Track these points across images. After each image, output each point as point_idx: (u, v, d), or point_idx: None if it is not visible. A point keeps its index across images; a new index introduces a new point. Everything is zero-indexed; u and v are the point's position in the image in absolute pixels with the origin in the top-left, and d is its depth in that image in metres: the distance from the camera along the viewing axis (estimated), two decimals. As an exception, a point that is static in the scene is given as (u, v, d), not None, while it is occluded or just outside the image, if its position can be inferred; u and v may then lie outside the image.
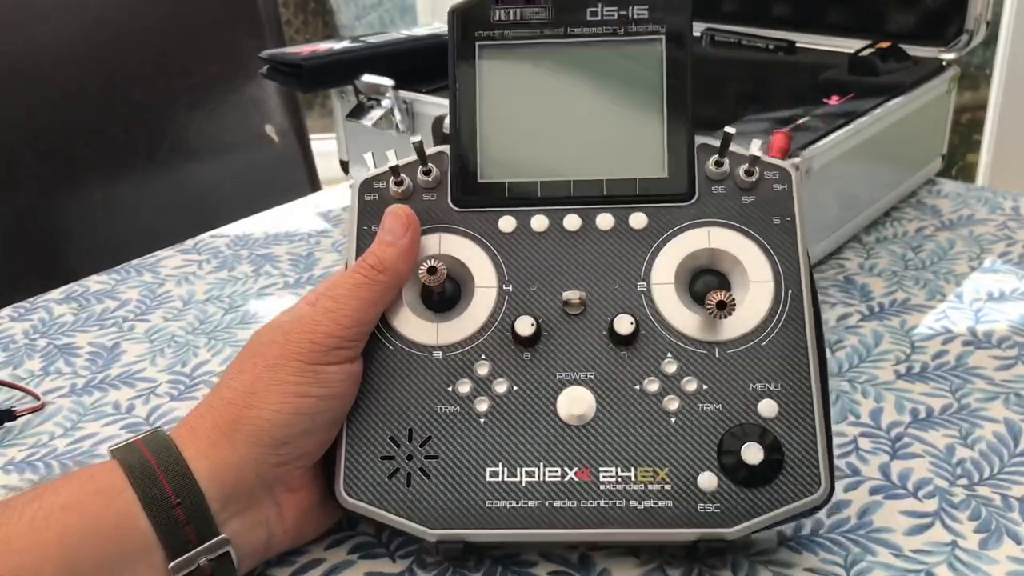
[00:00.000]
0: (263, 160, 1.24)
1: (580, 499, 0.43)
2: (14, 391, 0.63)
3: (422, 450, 0.44)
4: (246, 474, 0.42)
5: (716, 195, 0.47)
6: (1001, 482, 0.51)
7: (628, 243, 0.47)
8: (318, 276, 0.78)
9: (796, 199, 0.47)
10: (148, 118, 1.12)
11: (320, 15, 2.57)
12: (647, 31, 0.48)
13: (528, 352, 0.45)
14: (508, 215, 0.47)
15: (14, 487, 0.53)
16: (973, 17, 0.87)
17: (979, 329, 0.66)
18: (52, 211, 1.06)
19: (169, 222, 1.12)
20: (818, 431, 0.43)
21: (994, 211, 0.85)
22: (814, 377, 0.44)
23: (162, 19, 1.14)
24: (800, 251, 0.46)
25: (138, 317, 0.72)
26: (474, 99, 0.48)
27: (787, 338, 0.45)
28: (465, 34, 0.48)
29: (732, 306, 0.43)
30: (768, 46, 0.95)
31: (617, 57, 0.48)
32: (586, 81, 0.48)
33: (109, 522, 0.40)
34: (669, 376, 0.44)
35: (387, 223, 0.46)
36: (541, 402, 0.45)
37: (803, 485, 0.43)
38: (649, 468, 0.43)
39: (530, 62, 0.48)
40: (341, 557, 0.47)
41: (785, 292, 0.45)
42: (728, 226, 0.47)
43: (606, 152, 0.48)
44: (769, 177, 0.47)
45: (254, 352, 0.45)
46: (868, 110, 0.75)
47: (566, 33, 0.48)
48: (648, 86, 0.48)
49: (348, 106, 0.88)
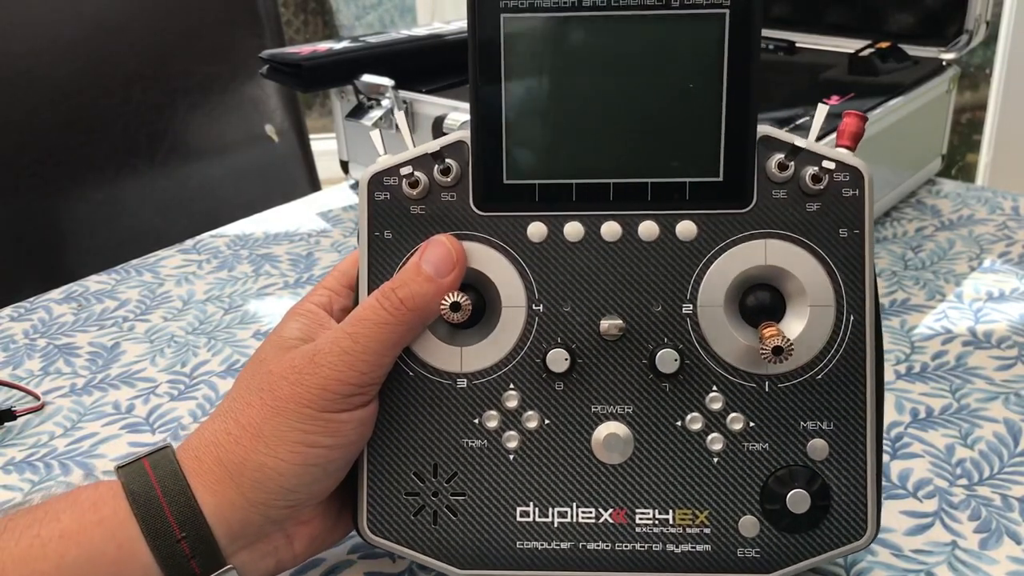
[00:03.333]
0: (263, 160, 1.24)
1: (615, 541, 0.41)
2: (14, 391, 0.63)
3: (448, 486, 0.42)
4: (252, 515, 0.40)
5: (776, 200, 0.41)
6: (1001, 482, 0.51)
7: (674, 257, 0.41)
8: (318, 276, 0.78)
9: (868, 207, 0.41)
10: (148, 118, 1.12)
11: (320, 15, 2.57)
12: (709, 4, 0.39)
13: (560, 382, 0.42)
14: (538, 221, 0.42)
15: (14, 487, 0.53)
16: (973, 17, 0.87)
17: (979, 329, 0.66)
18: (52, 211, 1.06)
19: (169, 222, 1.12)
20: (869, 476, 0.41)
21: (994, 211, 0.85)
22: (871, 416, 0.41)
23: (162, 19, 1.14)
24: (867, 271, 0.41)
25: (138, 317, 0.72)
26: (499, 85, 0.41)
27: (845, 372, 0.41)
28: (488, 4, 0.40)
29: (790, 352, 0.39)
30: (768, 46, 0.95)
31: (670, 34, 0.40)
32: (632, 63, 0.41)
33: (110, 555, 0.38)
34: (714, 413, 0.41)
35: (432, 254, 0.41)
36: (575, 438, 0.42)
37: (848, 531, 0.41)
38: (688, 511, 0.41)
39: (565, 38, 0.41)
40: (341, 557, 0.47)
41: (847, 319, 0.41)
42: (789, 239, 0.41)
43: (652, 150, 0.41)
44: (839, 179, 0.41)
45: (261, 383, 0.41)
46: (868, 110, 0.75)
47: (609, 5, 0.40)
48: (706, 71, 0.40)
49: (348, 106, 0.88)
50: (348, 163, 0.94)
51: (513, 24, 0.40)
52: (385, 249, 0.42)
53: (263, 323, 0.71)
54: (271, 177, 1.24)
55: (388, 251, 0.42)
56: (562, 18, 0.40)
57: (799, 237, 0.41)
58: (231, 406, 0.41)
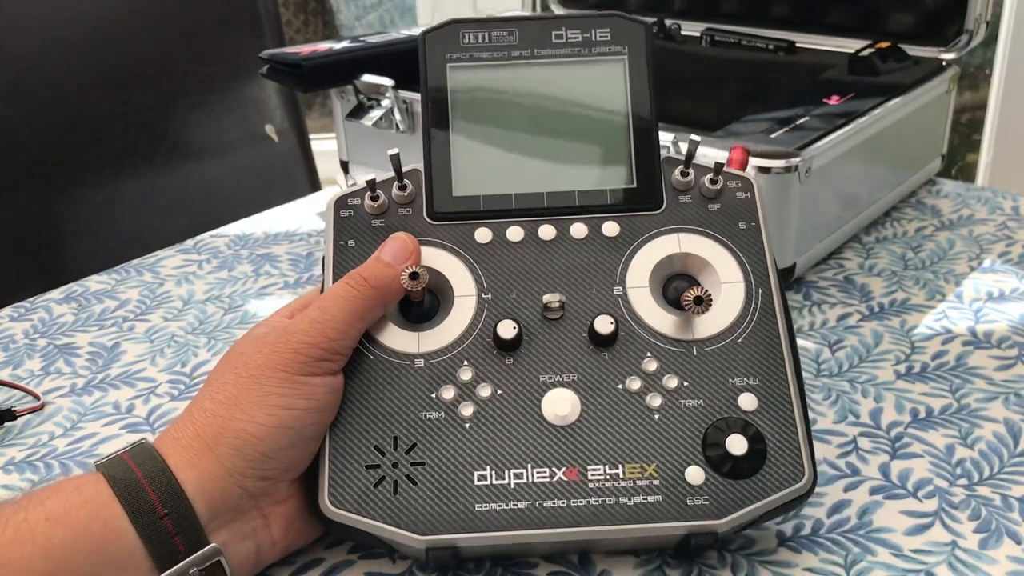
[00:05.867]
0: (263, 160, 1.24)
1: (570, 498, 0.43)
2: (14, 391, 0.63)
3: (408, 457, 0.44)
4: (231, 487, 0.42)
5: (683, 204, 0.49)
6: (1001, 482, 0.51)
7: (602, 250, 0.48)
8: (318, 276, 0.78)
9: (760, 205, 0.49)
10: (148, 118, 1.12)
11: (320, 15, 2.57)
12: (610, 51, 0.50)
13: (510, 357, 0.46)
14: (484, 227, 0.48)
15: (14, 487, 0.53)
16: (973, 17, 0.87)
17: (979, 329, 0.66)
18: (52, 211, 1.06)
19: (169, 222, 1.12)
20: (798, 422, 0.45)
21: (994, 211, 0.85)
22: (790, 370, 0.46)
23: (162, 19, 1.14)
24: (767, 252, 0.48)
25: (138, 317, 0.72)
26: (446, 116, 0.49)
27: (761, 334, 0.46)
28: (435, 56, 0.50)
29: (709, 301, 0.44)
30: (768, 46, 0.95)
31: (583, 76, 0.50)
32: (554, 98, 0.50)
33: (95, 534, 0.39)
34: (650, 374, 0.45)
35: (390, 246, 0.46)
36: (526, 404, 0.45)
37: (787, 474, 0.43)
38: (636, 464, 0.44)
39: (499, 81, 0.50)
40: (341, 557, 0.47)
41: (756, 291, 0.47)
42: (697, 231, 0.48)
43: (576, 165, 0.50)
44: (732, 186, 0.49)
45: (235, 363, 0.44)
46: (868, 110, 0.75)
47: (533, 55, 0.50)
48: (613, 103, 0.50)
49: (348, 106, 0.88)
50: (348, 163, 0.94)
51: (457, 72, 0.50)
52: (348, 255, 0.48)
53: (263, 323, 0.70)
54: (271, 177, 1.24)
55: (351, 257, 0.48)
56: (497, 66, 0.50)
57: (705, 230, 0.48)
58: (206, 390, 0.44)
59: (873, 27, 0.92)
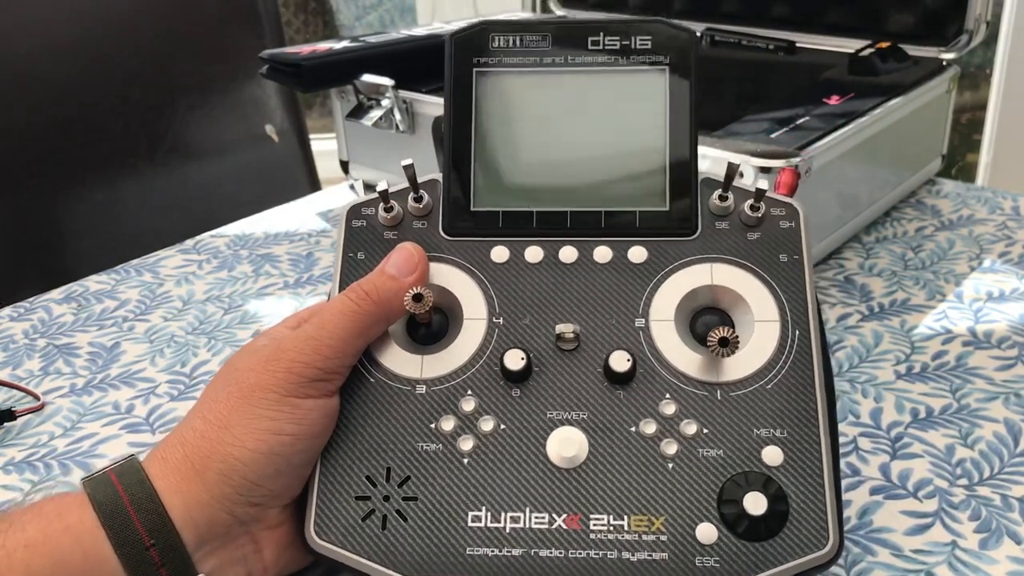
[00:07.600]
0: (263, 160, 1.24)
1: (568, 549, 0.40)
2: (14, 391, 0.63)
3: (400, 491, 0.41)
4: (219, 513, 0.40)
5: (720, 231, 0.45)
6: (1001, 482, 0.51)
7: (626, 277, 0.44)
8: (318, 276, 0.78)
9: (804, 237, 0.44)
10: (148, 118, 1.12)
11: (320, 15, 2.57)
12: (650, 61, 0.46)
13: (517, 389, 0.42)
14: (501, 245, 0.45)
15: (14, 487, 0.53)
16: (973, 17, 0.87)
17: (979, 329, 0.66)
18: (52, 211, 1.06)
19: (169, 222, 1.12)
20: (826, 481, 0.40)
21: (994, 211, 0.85)
22: (822, 423, 0.41)
23: (162, 19, 1.14)
24: (808, 290, 0.44)
25: (138, 317, 0.72)
26: (470, 125, 0.46)
27: (794, 381, 0.42)
28: (462, 60, 0.47)
29: (735, 343, 0.40)
30: (768, 46, 0.95)
31: (619, 86, 0.46)
32: (586, 109, 0.46)
33: (75, 564, 0.37)
34: (667, 418, 0.41)
35: (395, 257, 0.44)
36: (530, 442, 0.41)
37: (809, 539, 0.39)
38: (644, 517, 0.40)
39: (528, 89, 0.47)
40: None
41: (792, 332, 0.43)
42: (732, 262, 0.44)
43: (605, 183, 0.46)
44: (776, 214, 0.45)
45: (229, 380, 0.42)
46: (868, 110, 0.75)
47: (566, 62, 0.46)
48: (650, 117, 0.46)
49: (348, 106, 0.88)
50: (348, 163, 0.94)
51: (484, 78, 0.46)
52: (356, 267, 0.45)
53: (263, 323, 0.71)
54: (271, 177, 1.24)
55: (360, 270, 0.45)
56: (526, 72, 0.46)
57: (742, 261, 0.44)
58: (199, 406, 0.42)
59: (873, 27, 0.92)
